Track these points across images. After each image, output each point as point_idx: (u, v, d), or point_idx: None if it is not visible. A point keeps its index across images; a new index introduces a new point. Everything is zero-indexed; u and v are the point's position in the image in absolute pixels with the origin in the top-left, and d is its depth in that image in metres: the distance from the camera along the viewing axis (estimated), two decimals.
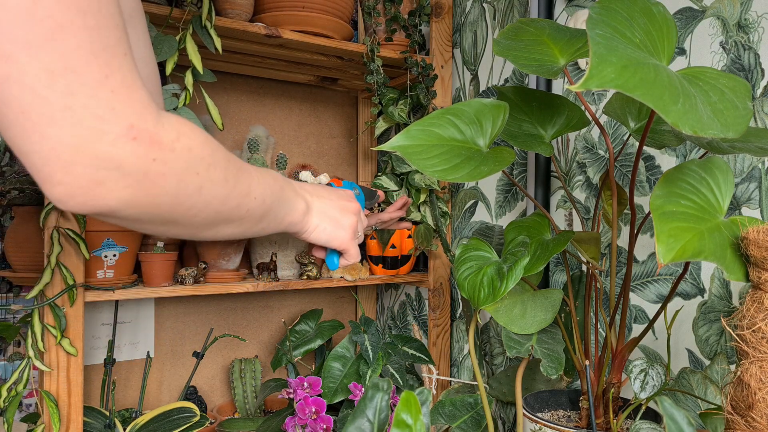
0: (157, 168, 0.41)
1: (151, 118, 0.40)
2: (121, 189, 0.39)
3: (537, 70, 0.75)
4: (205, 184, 0.46)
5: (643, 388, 0.73)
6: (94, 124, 0.36)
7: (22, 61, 0.34)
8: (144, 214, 0.43)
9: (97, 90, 0.37)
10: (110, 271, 1.05)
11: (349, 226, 0.72)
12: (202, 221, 0.49)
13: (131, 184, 0.40)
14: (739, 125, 0.56)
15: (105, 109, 0.37)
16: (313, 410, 1.07)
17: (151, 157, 0.40)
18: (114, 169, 0.38)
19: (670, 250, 0.59)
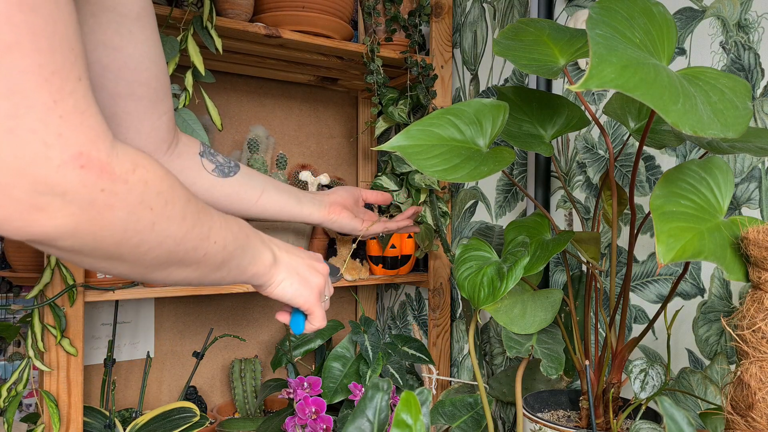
0: (105, 199, 0.38)
1: (103, 147, 0.38)
2: (62, 217, 0.37)
3: (537, 70, 0.75)
4: (160, 221, 0.44)
5: (643, 388, 0.73)
6: (38, 149, 0.35)
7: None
8: (86, 246, 0.40)
9: (45, 115, 0.35)
10: None
11: (316, 285, 0.69)
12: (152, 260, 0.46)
13: (74, 213, 0.37)
14: (739, 125, 0.56)
15: (52, 134, 0.35)
16: (313, 410, 1.07)
17: (100, 186, 0.38)
18: (56, 195, 0.36)
19: (670, 250, 0.59)
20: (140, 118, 0.69)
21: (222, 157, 0.85)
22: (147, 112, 0.69)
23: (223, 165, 0.85)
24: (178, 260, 0.48)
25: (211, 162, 0.83)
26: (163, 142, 0.73)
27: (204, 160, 0.82)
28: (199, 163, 0.82)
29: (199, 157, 0.82)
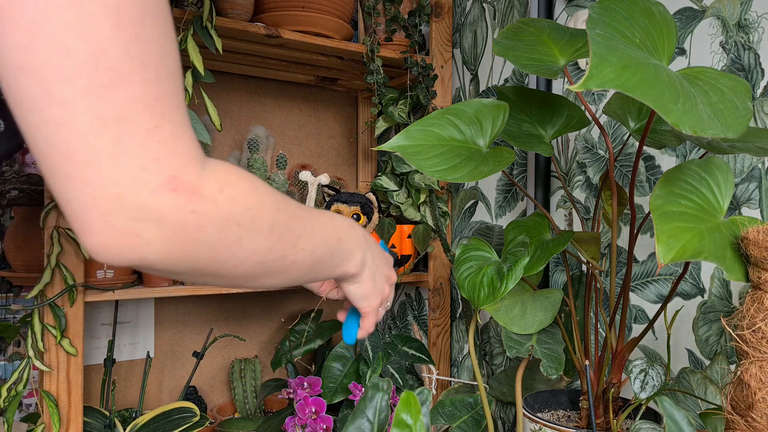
0: (196, 219, 0.39)
1: (194, 169, 0.39)
2: (157, 242, 0.38)
3: (537, 70, 0.75)
4: (247, 235, 0.44)
5: (643, 388, 0.73)
6: (136, 174, 0.36)
7: (77, 109, 0.34)
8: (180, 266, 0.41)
9: (145, 140, 0.36)
10: (110, 271, 1.05)
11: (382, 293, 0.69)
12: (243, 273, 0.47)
13: (168, 237, 0.38)
14: (739, 125, 0.56)
15: (150, 159, 0.36)
16: (312, 410, 1.07)
17: (190, 208, 0.39)
18: (152, 221, 0.37)
19: (670, 250, 0.59)
20: None
21: None
22: None
23: None
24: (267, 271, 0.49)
25: None
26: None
27: None
28: None
29: None
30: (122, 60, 0.35)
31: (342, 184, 1.56)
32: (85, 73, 0.34)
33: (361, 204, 1.21)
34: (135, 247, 0.37)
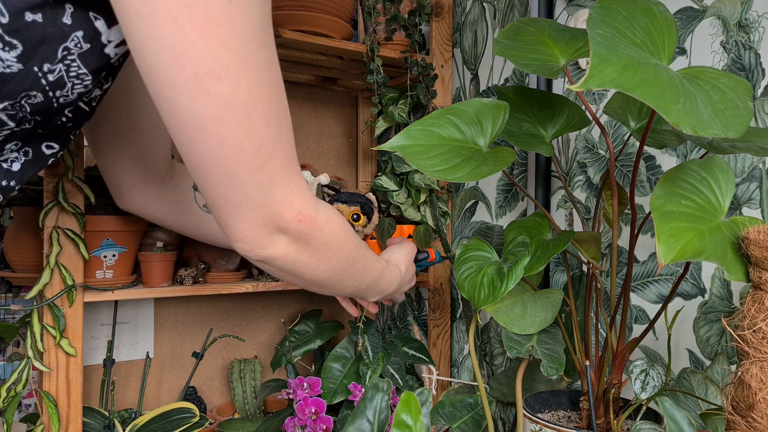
0: (307, 238, 0.60)
1: (312, 206, 0.59)
2: (281, 247, 0.59)
3: (537, 70, 0.75)
4: (332, 257, 0.65)
5: (643, 389, 0.73)
6: (278, 212, 0.55)
7: (245, 179, 0.52)
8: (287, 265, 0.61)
9: (284, 190, 0.55)
10: (109, 271, 1.05)
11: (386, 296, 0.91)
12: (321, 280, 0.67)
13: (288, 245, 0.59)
14: (739, 125, 0.56)
15: (287, 202, 0.56)
16: (312, 411, 1.07)
17: (306, 231, 0.59)
18: (283, 233, 0.58)
19: (670, 250, 0.59)
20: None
21: None
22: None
23: None
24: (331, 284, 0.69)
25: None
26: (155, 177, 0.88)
27: (197, 194, 0.94)
28: (192, 196, 0.94)
29: (192, 191, 0.94)
30: (272, 145, 0.52)
31: (342, 184, 1.56)
32: (250, 158, 0.51)
33: (361, 204, 1.20)
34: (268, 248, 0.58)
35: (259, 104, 0.50)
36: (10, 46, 0.48)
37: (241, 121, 0.49)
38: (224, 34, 0.46)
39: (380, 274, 0.80)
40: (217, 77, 0.47)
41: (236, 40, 0.47)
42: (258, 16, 0.48)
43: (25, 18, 0.48)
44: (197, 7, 0.44)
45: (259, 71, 0.49)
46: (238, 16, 0.46)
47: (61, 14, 0.49)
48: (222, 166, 0.51)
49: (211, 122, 0.48)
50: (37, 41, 0.49)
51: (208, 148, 0.50)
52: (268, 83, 0.51)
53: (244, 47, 0.47)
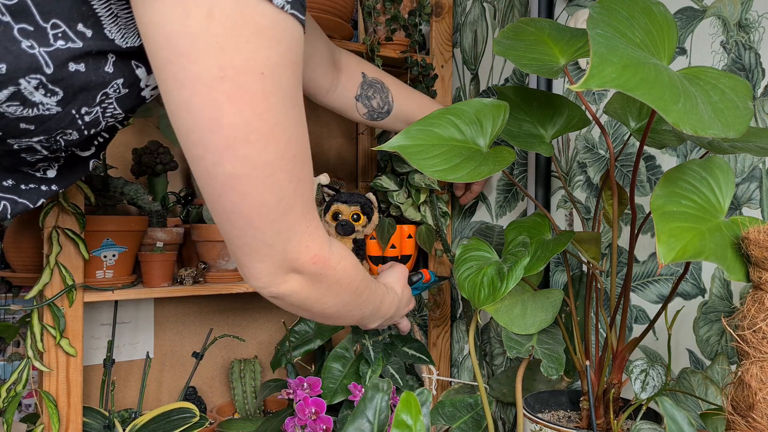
0: (320, 278, 0.62)
1: (327, 248, 0.61)
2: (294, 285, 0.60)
3: (537, 70, 0.75)
4: (341, 292, 0.67)
5: (643, 389, 0.73)
6: (294, 256, 0.57)
7: (265, 230, 0.54)
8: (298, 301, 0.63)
9: (302, 236, 0.57)
10: (109, 271, 1.05)
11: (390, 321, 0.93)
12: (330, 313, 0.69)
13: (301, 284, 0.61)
14: (740, 125, 0.56)
15: (304, 246, 0.58)
16: (312, 411, 1.07)
17: (319, 272, 0.61)
18: (298, 273, 0.60)
19: (670, 251, 0.59)
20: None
21: (378, 102, 1.02)
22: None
23: (374, 111, 1.04)
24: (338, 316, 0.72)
25: (364, 106, 1.02)
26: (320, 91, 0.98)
27: (358, 104, 1.01)
28: (353, 106, 1.02)
29: (354, 101, 1.01)
30: (293, 197, 0.54)
31: (342, 184, 1.56)
32: (272, 211, 0.53)
33: (361, 204, 1.20)
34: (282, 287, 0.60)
35: (284, 162, 0.52)
36: (52, 93, 0.51)
37: (265, 179, 0.51)
38: (256, 103, 0.47)
39: (381, 300, 0.81)
40: (246, 141, 0.48)
41: (267, 107, 0.48)
42: (288, 82, 0.49)
43: (69, 68, 0.50)
44: (231, 80, 0.46)
45: (286, 132, 0.51)
46: (270, 86, 0.47)
47: (104, 64, 0.52)
48: (244, 218, 0.53)
49: (237, 180, 0.50)
50: (78, 89, 0.51)
51: (232, 203, 0.52)
52: (294, 142, 0.52)
53: (274, 113, 0.49)
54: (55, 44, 0.48)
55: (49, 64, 0.48)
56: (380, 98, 1.03)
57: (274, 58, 0.47)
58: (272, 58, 0.47)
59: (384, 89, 1.04)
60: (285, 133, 0.51)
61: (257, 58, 0.46)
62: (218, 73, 0.45)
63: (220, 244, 1.15)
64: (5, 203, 0.62)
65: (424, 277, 1.06)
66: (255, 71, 0.46)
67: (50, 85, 0.50)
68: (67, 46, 0.49)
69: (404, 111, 1.06)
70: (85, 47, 0.49)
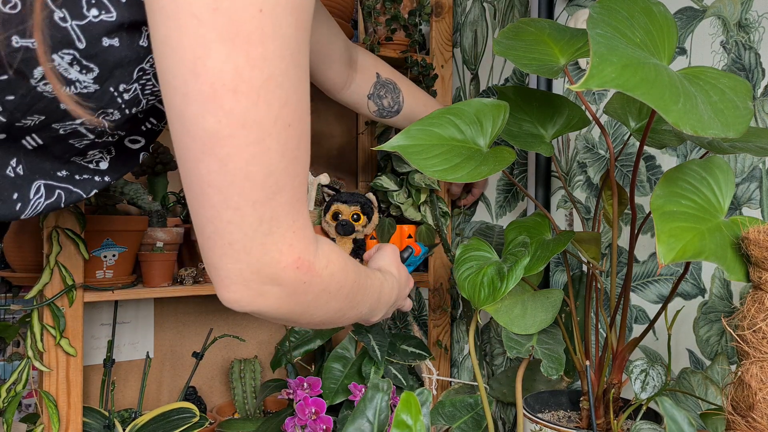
0: (304, 288, 0.52)
1: (312, 250, 0.51)
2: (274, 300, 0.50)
3: (537, 70, 0.75)
4: (331, 300, 0.58)
5: (643, 389, 0.73)
6: (275, 257, 0.48)
7: (245, 213, 0.45)
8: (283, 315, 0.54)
9: (286, 232, 0.48)
10: (109, 271, 1.05)
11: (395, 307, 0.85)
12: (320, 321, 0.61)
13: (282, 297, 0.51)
14: (739, 125, 0.56)
15: (286, 245, 0.48)
16: (312, 411, 1.07)
17: (303, 280, 0.51)
18: (276, 284, 0.49)
19: (670, 251, 0.59)
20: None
21: (388, 102, 1.05)
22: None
23: (384, 109, 1.06)
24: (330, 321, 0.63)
25: (375, 104, 1.04)
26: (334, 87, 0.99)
27: (370, 102, 1.03)
28: (365, 104, 1.04)
29: (366, 99, 1.03)
30: (283, 177, 0.46)
31: (342, 184, 1.56)
32: (257, 188, 0.45)
33: (361, 204, 1.20)
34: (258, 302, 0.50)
35: (276, 128, 0.45)
36: (87, 69, 0.48)
37: (252, 144, 0.43)
38: (249, 44, 0.41)
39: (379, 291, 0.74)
40: (233, 91, 0.42)
41: (261, 53, 0.42)
42: (291, 31, 0.44)
43: (102, 43, 0.47)
44: (223, 11, 0.40)
45: (282, 92, 0.45)
46: (269, 28, 0.42)
47: (138, 38, 0.49)
48: (222, 194, 0.45)
49: (218, 140, 0.43)
50: (113, 65, 0.49)
51: (209, 170, 0.44)
52: (292, 107, 0.46)
53: (269, 63, 0.43)
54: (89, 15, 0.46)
55: (81, 39, 0.46)
56: (391, 98, 1.05)
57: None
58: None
59: (396, 90, 1.06)
60: (281, 92, 0.44)
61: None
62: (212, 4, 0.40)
63: None
64: (60, 192, 0.60)
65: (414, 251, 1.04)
66: (253, 5, 0.41)
67: (84, 61, 0.48)
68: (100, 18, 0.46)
69: (413, 113, 1.08)
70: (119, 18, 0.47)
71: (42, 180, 0.59)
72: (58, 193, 0.60)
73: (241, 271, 0.48)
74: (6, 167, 0.56)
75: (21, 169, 0.57)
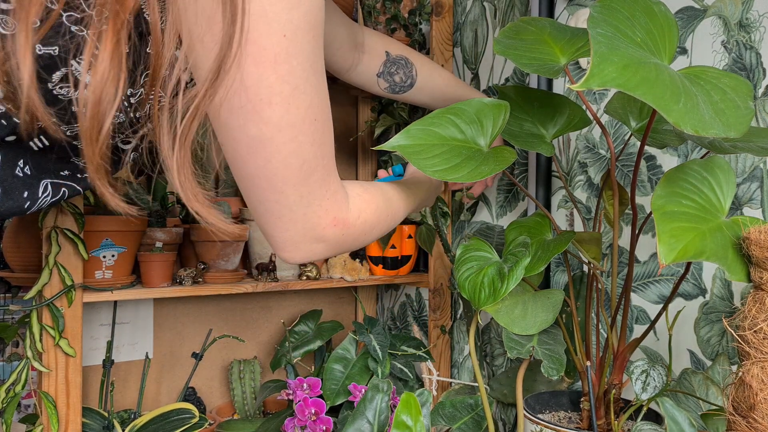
0: (344, 238, 0.64)
1: (345, 209, 0.63)
2: (321, 250, 0.63)
3: (538, 70, 0.75)
4: (369, 235, 0.70)
5: (644, 389, 0.73)
6: (315, 221, 0.59)
7: (288, 193, 0.56)
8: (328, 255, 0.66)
9: (322, 200, 0.59)
10: (109, 271, 1.04)
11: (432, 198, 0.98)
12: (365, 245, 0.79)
13: (328, 249, 0.64)
14: (740, 125, 0.56)
15: (323, 210, 0.60)
16: (312, 411, 1.06)
17: (342, 233, 0.63)
18: (321, 241, 0.62)
19: (671, 251, 0.59)
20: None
21: (400, 77, 1.07)
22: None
23: (396, 85, 1.08)
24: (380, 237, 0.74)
25: (386, 81, 1.07)
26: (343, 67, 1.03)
27: (380, 80, 1.06)
28: (375, 82, 1.07)
29: (376, 77, 1.06)
30: (314, 161, 0.56)
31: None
32: (295, 174, 0.55)
33: None
34: (309, 255, 0.63)
35: (306, 125, 0.54)
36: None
37: (288, 142, 0.53)
38: (278, 65, 0.50)
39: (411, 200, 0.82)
40: (269, 103, 0.51)
41: (288, 70, 0.51)
42: (310, 47, 0.52)
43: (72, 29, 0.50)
44: (254, 42, 0.48)
45: (306, 96, 0.53)
46: (292, 49, 0.50)
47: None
48: (268, 181, 0.55)
49: (261, 143, 0.53)
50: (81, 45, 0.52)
51: (257, 166, 0.54)
52: (316, 106, 0.54)
53: (295, 76, 0.51)
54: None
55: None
56: (403, 73, 1.08)
57: (295, 20, 0.49)
58: (293, 20, 0.49)
59: (408, 64, 1.08)
60: (306, 96, 0.53)
61: (279, 19, 0.48)
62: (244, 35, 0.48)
63: (220, 244, 1.15)
64: (64, 189, 0.66)
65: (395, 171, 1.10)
66: (278, 33, 0.49)
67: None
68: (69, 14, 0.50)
69: (428, 84, 1.11)
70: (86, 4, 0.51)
71: (48, 179, 0.64)
72: (63, 190, 0.65)
73: (292, 237, 0.60)
74: (15, 167, 0.60)
75: (28, 169, 0.61)
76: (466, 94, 1.12)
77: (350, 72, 1.05)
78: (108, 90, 0.46)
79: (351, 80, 1.07)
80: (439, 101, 1.12)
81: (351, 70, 1.05)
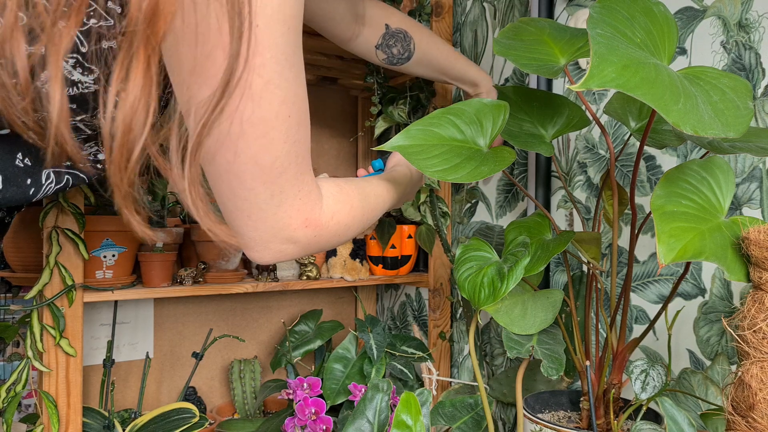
0: (316, 240, 0.62)
1: (318, 209, 0.60)
2: (291, 251, 0.61)
3: (537, 70, 0.75)
4: (341, 239, 0.67)
5: (643, 389, 0.73)
6: (286, 221, 0.57)
7: (258, 191, 0.54)
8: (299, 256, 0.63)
9: (294, 200, 0.56)
10: (109, 271, 1.04)
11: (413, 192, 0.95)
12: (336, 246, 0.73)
13: (298, 250, 0.61)
14: (740, 125, 0.56)
15: (294, 211, 0.57)
16: (312, 411, 1.07)
17: (314, 234, 0.61)
18: (291, 242, 0.59)
19: (671, 251, 0.59)
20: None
21: (398, 50, 1.10)
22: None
23: (394, 57, 1.10)
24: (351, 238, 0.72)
25: (384, 53, 1.09)
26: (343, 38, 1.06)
27: (378, 51, 1.08)
28: (374, 54, 1.09)
29: (374, 49, 1.08)
30: (286, 159, 0.54)
31: None
32: (265, 172, 0.53)
33: None
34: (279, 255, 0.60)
35: (278, 122, 0.52)
36: (89, 71, 0.53)
37: (259, 138, 0.51)
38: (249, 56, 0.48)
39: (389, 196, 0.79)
40: (239, 97, 0.49)
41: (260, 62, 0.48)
42: (284, 39, 0.50)
43: (102, 45, 0.51)
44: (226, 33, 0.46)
45: (281, 91, 0.51)
46: (265, 40, 0.48)
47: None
48: (237, 178, 0.53)
49: (230, 138, 0.51)
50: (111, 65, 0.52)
51: (226, 161, 0.52)
52: (290, 101, 0.52)
53: (267, 69, 0.49)
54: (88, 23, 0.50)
55: (84, 43, 0.51)
56: (401, 46, 1.10)
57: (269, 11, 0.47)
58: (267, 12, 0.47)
59: (407, 37, 1.10)
60: (279, 92, 0.51)
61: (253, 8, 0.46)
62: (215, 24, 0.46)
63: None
64: (67, 177, 0.66)
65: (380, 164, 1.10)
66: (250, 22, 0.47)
67: (86, 64, 0.52)
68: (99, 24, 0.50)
69: (425, 57, 1.12)
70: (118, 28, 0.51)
71: (50, 168, 0.64)
72: (66, 177, 0.66)
73: (261, 237, 0.57)
74: (14, 159, 0.60)
75: (28, 160, 0.61)
76: (463, 68, 1.15)
77: (351, 43, 1.08)
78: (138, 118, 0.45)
79: (353, 50, 1.09)
80: (436, 73, 1.15)
81: (352, 41, 1.07)
